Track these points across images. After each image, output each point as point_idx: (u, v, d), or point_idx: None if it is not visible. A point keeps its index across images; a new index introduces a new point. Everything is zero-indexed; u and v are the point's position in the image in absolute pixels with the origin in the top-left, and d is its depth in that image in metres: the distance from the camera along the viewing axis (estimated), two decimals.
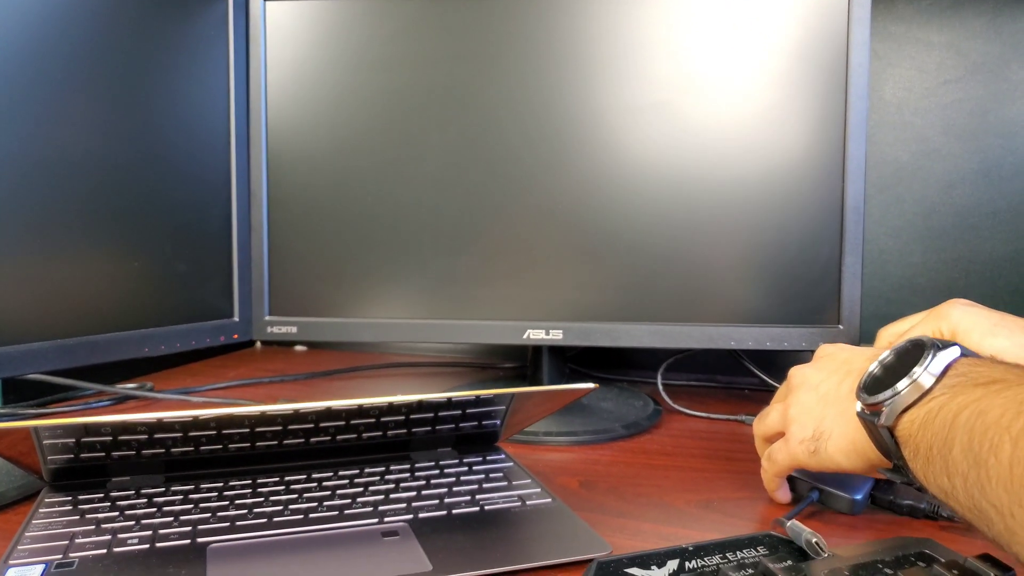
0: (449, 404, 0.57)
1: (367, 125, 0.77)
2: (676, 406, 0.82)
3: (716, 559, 0.40)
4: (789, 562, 0.38)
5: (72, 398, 0.85)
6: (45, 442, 0.51)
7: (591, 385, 0.54)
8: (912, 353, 0.43)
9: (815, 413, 0.50)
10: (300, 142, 0.78)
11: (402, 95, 0.77)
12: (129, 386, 0.88)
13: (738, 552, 0.40)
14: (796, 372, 0.55)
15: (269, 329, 0.79)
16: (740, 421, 0.79)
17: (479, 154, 0.76)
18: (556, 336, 0.77)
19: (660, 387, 0.85)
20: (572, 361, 1.00)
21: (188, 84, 0.74)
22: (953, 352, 0.41)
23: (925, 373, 0.40)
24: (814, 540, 0.41)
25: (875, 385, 0.44)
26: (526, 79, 0.75)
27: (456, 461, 0.62)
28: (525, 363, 1.02)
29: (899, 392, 0.41)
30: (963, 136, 0.91)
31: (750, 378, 0.91)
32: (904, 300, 0.93)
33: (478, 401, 0.57)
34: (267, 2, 0.78)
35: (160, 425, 0.51)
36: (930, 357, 0.41)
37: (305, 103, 0.78)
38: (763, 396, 0.88)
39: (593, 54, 0.74)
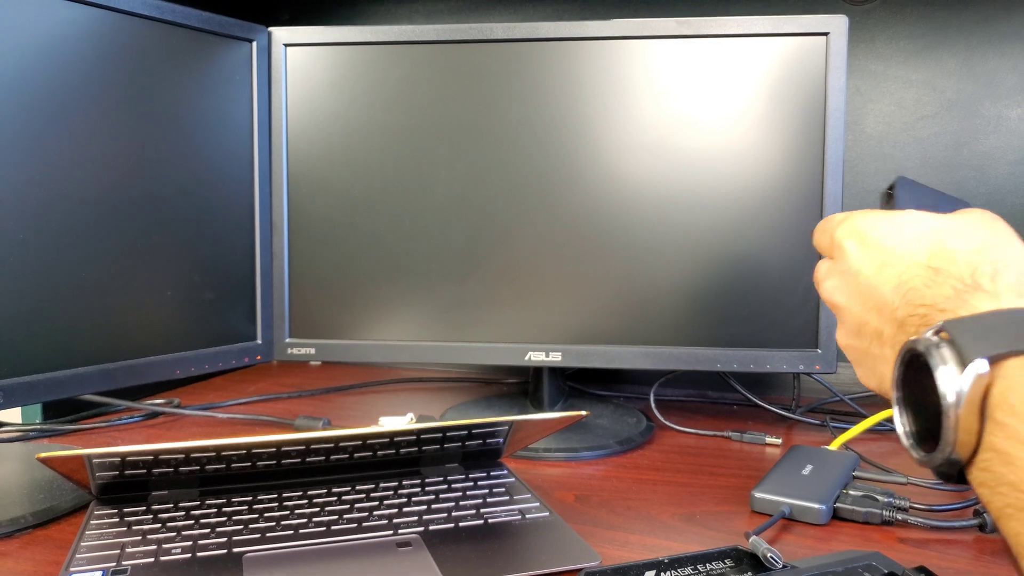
0: (456, 427, 0.63)
1: (380, 160, 0.83)
2: (667, 422, 0.88)
3: (688, 570, 0.45)
4: (749, 574, 0.43)
5: (104, 413, 0.91)
6: (95, 462, 0.57)
7: (583, 412, 0.60)
8: (917, 369, 0.40)
9: (855, 320, 0.49)
10: (318, 176, 0.84)
11: (412, 133, 0.83)
12: (157, 401, 0.94)
13: (708, 564, 0.46)
14: (845, 238, 0.50)
15: (289, 351, 0.86)
16: (727, 437, 0.85)
17: (484, 188, 0.82)
18: (555, 358, 0.83)
19: (653, 404, 0.91)
20: (571, 379, 1.06)
21: (215, 123, 0.80)
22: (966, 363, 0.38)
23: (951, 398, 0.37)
24: (770, 554, 0.47)
25: (919, 438, 0.41)
26: (527, 119, 0.81)
27: (463, 476, 0.68)
28: (528, 379, 1.08)
29: (950, 446, 0.38)
30: (939, 168, 0.97)
31: (738, 395, 0.96)
32: None
33: (482, 424, 0.63)
34: (288, 47, 0.84)
35: (196, 448, 0.57)
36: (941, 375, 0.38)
37: (323, 140, 0.84)
38: (749, 412, 0.94)
39: (588, 97, 0.80)
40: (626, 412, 0.91)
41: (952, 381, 0.37)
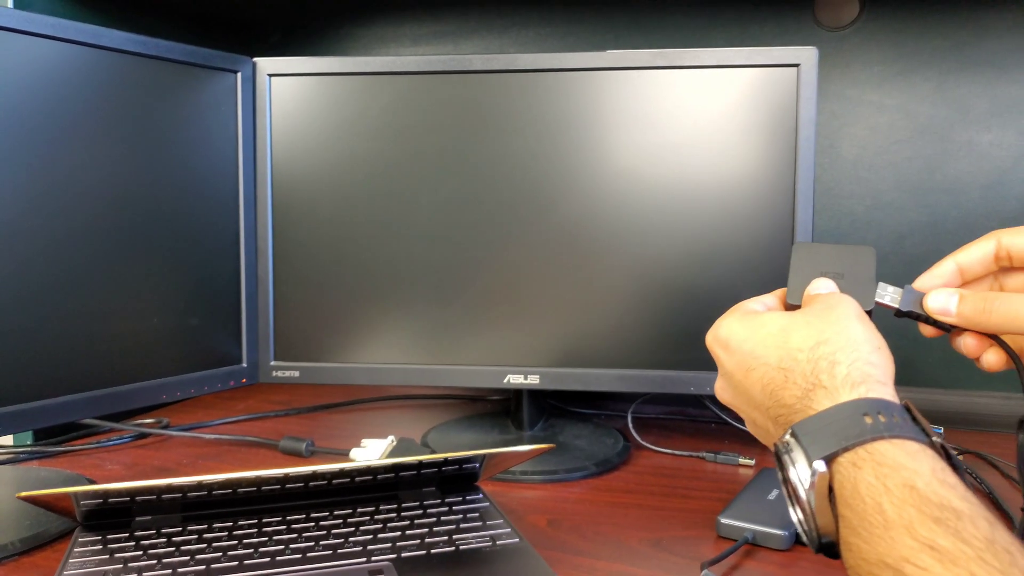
0: (428, 463, 0.65)
1: (363, 187, 0.85)
2: (644, 443, 0.90)
3: None
4: None
5: (93, 434, 0.93)
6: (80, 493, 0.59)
7: (550, 445, 0.62)
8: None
9: (745, 415, 0.55)
10: (303, 203, 0.86)
11: (395, 161, 0.85)
12: (147, 421, 0.96)
13: None
14: (713, 345, 0.56)
15: (274, 373, 0.88)
16: (701, 458, 0.87)
17: (464, 214, 0.84)
18: (533, 381, 0.85)
19: (630, 424, 0.92)
20: (552, 396, 1.08)
21: (201, 152, 0.82)
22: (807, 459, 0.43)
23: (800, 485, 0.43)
24: None
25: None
26: (505, 148, 0.83)
27: (439, 501, 0.70)
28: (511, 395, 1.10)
29: (815, 532, 0.44)
30: (913, 191, 0.99)
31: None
32: None
33: (453, 459, 0.65)
34: (272, 77, 0.86)
35: (175, 487, 0.59)
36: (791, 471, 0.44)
37: (307, 167, 0.86)
38: (727, 431, 0.96)
39: (566, 126, 0.82)
40: (605, 432, 0.93)
41: (802, 479, 0.43)
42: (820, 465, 0.42)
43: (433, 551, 0.60)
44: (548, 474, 0.80)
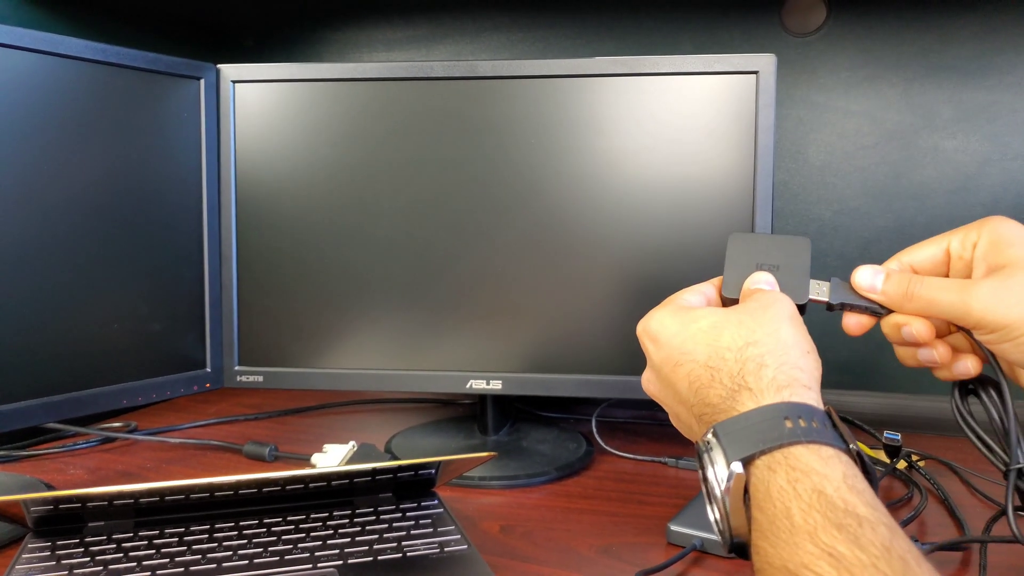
0: (384, 469, 0.66)
1: (327, 193, 0.86)
2: (607, 447, 0.90)
3: None
4: None
5: (60, 438, 0.93)
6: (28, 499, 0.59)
7: (492, 454, 0.63)
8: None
9: (669, 409, 0.55)
10: (267, 209, 0.86)
11: (358, 167, 0.85)
12: (114, 425, 0.97)
13: None
14: (643, 337, 0.56)
15: (239, 378, 0.88)
16: (663, 463, 0.87)
17: (426, 220, 0.85)
18: (496, 386, 0.85)
19: (594, 429, 0.93)
20: (519, 400, 1.08)
21: (164, 158, 0.82)
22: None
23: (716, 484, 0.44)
24: None
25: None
26: (468, 154, 0.84)
27: (393, 507, 0.70)
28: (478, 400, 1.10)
29: (727, 532, 0.44)
30: (879, 197, 1.00)
31: None
32: (825, 347, 1.01)
33: (405, 467, 0.66)
34: (236, 84, 0.86)
35: (126, 493, 0.59)
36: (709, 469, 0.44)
37: (271, 173, 0.86)
38: None
39: (526, 132, 0.82)
40: (569, 437, 0.94)
41: (719, 479, 0.43)
42: (737, 466, 0.42)
43: (380, 557, 0.61)
44: (508, 479, 0.81)
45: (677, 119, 0.81)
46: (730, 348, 0.48)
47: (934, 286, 0.50)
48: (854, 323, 0.55)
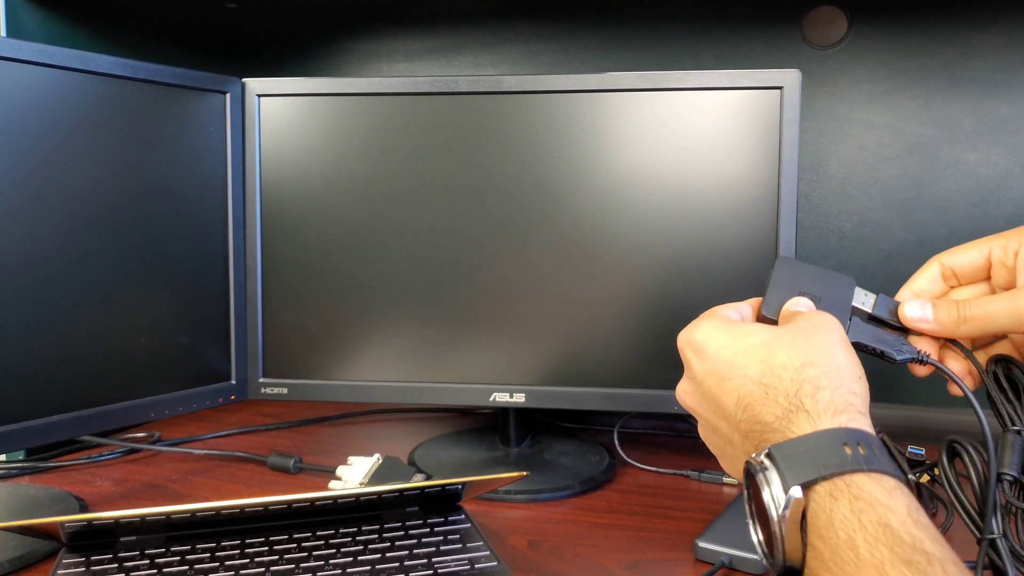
0: (409, 488, 0.66)
1: (350, 207, 0.86)
2: (629, 460, 0.91)
3: None
4: None
5: (82, 449, 0.94)
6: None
7: (524, 473, 0.63)
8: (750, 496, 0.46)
9: (708, 423, 0.54)
10: (291, 222, 0.87)
11: (382, 181, 0.86)
12: (138, 435, 0.97)
13: None
14: (685, 348, 0.54)
15: (263, 390, 0.88)
16: (685, 476, 0.87)
17: (450, 234, 0.85)
18: (519, 399, 0.86)
19: (616, 441, 0.93)
20: (539, 411, 1.08)
21: (190, 172, 0.83)
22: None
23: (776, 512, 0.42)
24: None
25: (767, 545, 0.45)
26: (490, 168, 0.84)
27: (420, 522, 0.71)
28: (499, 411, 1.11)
29: (781, 555, 0.43)
30: (900, 210, 1.00)
31: None
32: None
33: (432, 486, 0.66)
34: (261, 97, 0.86)
35: (155, 514, 0.60)
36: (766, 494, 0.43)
37: (295, 186, 0.87)
38: None
39: (550, 147, 0.83)
40: (591, 449, 0.94)
41: (776, 502, 0.42)
42: (797, 491, 0.41)
43: (412, 574, 0.61)
44: (533, 493, 0.81)
45: (701, 133, 0.81)
46: (785, 367, 0.47)
47: (983, 303, 0.51)
48: (923, 370, 0.56)
